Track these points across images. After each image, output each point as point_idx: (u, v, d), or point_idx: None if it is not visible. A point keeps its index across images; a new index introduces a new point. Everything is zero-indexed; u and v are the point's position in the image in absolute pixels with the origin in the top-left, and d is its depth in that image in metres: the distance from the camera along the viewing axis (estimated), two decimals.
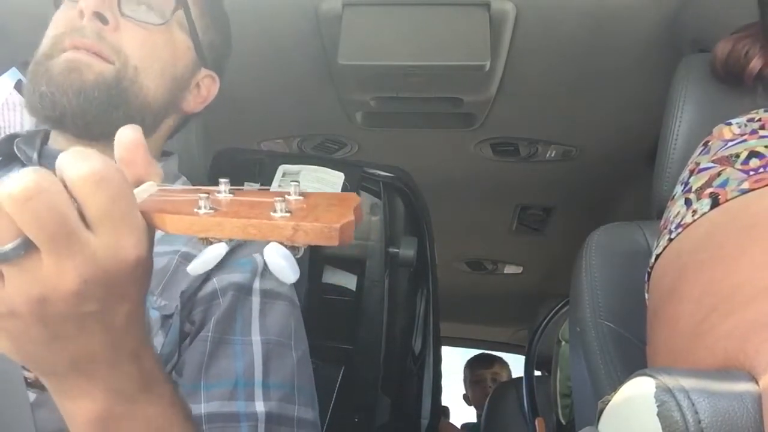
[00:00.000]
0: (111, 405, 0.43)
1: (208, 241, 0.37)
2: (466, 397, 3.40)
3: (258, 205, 0.37)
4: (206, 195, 0.37)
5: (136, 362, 0.43)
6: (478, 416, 3.66)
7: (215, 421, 0.61)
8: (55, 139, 0.76)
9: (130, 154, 0.41)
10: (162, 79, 0.76)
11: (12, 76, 1.27)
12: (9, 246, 0.35)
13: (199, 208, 0.36)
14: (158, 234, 0.40)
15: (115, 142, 0.41)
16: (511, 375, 3.17)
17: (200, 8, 0.80)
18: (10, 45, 1.18)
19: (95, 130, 0.71)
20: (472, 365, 3.30)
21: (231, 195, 0.39)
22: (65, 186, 0.36)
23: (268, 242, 0.36)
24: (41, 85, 0.69)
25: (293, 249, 0.36)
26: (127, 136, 0.41)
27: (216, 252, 0.38)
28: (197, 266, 0.39)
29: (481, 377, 3.15)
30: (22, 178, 0.34)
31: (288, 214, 0.35)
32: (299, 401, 0.66)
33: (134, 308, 0.41)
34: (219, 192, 0.39)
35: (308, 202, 0.37)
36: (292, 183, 0.38)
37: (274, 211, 0.35)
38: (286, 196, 0.37)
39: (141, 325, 0.44)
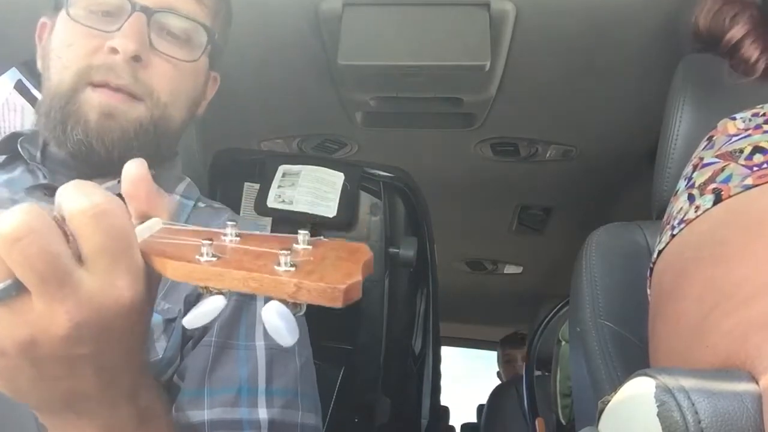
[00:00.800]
0: None
1: (207, 290, 0.36)
2: (499, 375, 3.40)
3: (262, 256, 0.35)
4: (210, 242, 0.35)
5: (133, 402, 0.43)
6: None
7: (218, 428, 0.60)
8: None
9: (135, 189, 0.40)
10: (186, 106, 0.76)
11: (12, 76, 1.27)
12: None
13: (201, 255, 0.35)
14: None
15: (122, 177, 0.40)
16: None
17: (219, 23, 0.79)
18: (10, 45, 1.18)
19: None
20: (504, 344, 3.29)
21: (237, 239, 0.38)
22: (63, 220, 0.35)
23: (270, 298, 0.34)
24: (76, 132, 0.67)
25: (294, 306, 0.34)
26: (132, 171, 0.40)
27: (214, 305, 0.36)
28: (193, 319, 0.36)
29: (511, 357, 3.15)
30: (13, 218, 0.33)
31: (292, 269, 0.33)
32: (302, 407, 0.66)
33: (130, 352, 0.41)
34: (225, 235, 0.38)
35: (316, 253, 0.36)
36: (301, 232, 0.36)
37: (278, 264, 0.34)
38: (294, 245, 0.36)
39: (138, 367, 0.43)
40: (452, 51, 1.14)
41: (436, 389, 1.45)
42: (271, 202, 1.11)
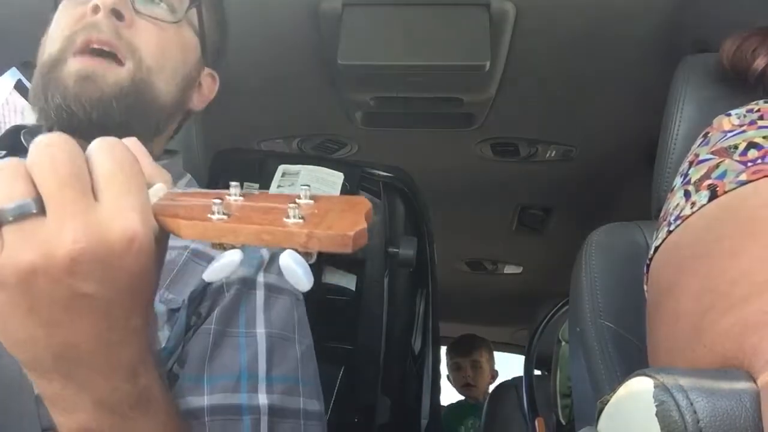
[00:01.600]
0: (98, 418, 0.42)
1: (221, 246, 0.38)
2: (449, 378, 3.36)
3: (271, 211, 0.37)
4: (219, 201, 0.37)
5: (133, 379, 0.42)
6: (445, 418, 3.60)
7: (217, 413, 0.60)
8: None
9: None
10: (173, 79, 0.75)
11: (12, 76, 1.27)
12: (13, 204, 0.35)
13: (213, 213, 0.36)
14: None
15: None
16: (492, 355, 3.10)
17: (207, 8, 0.80)
18: (10, 45, 1.18)
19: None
20: (450, 352, 3.21)
21: (241, 199, 0.39)
22: None
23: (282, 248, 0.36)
24: (56, 98, 0.67)
25: (306, 255, 0.37)
26: (129, 142, 0.41)
27: (232, 258, 0.38)
28: (214, 272, 0.39)
29: (459, 366, 3.10)
30: (46, 134, 0.37)
31: (301, 221, 0.35)
32: (304, 393, 0.66)
33: (133, 316, 0.40)
34: (229, 195, 0.39)
35: (319, 207, 0.37)
36: (303, 187, 0.38)
37: (288, 217, 0.35)
38: (297, 200, 0.37)
39: (141, 342, 0.42)
40: (452, 51, 1.14)
41: (436, 389, 1.45)
42: None
